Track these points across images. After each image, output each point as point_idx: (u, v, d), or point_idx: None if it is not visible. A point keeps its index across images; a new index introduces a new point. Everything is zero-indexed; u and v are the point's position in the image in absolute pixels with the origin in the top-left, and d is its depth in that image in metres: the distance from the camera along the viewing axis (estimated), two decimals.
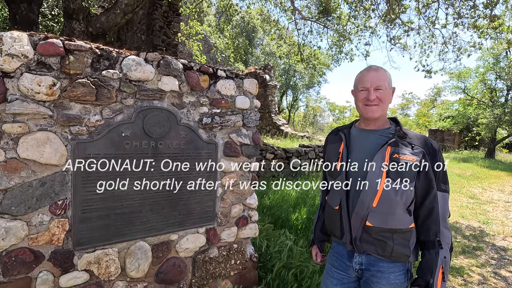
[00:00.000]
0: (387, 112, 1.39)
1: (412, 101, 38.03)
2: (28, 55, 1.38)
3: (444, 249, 1.25)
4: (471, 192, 7.97)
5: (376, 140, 1.33)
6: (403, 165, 1.23)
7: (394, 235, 1.27)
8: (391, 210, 1.25)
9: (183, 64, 1.89)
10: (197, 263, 2.01)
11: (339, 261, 1.46)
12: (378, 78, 1.31)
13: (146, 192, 1.78)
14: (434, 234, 1.25)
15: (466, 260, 3.73)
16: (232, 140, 2.14)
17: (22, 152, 1.40)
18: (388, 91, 1.33)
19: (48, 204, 1.49)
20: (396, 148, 1.26)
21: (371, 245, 1.30)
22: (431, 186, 1.25)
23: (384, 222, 1.27)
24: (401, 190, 1.24)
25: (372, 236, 1.29)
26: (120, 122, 1.66)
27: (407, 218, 1.27)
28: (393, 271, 1.31)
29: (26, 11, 4.48)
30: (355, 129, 1.45)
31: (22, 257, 1.43)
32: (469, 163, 13.74)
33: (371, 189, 1.27)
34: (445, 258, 1.24)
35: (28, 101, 1.40)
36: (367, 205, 1.28)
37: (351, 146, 1.40)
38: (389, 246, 1.27)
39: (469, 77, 18.59)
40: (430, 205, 1.26)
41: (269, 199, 4.61)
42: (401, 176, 1.24)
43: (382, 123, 1.37)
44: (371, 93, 1.30)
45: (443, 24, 6.91)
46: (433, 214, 1.26)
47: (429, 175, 1.24)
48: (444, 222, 1.26)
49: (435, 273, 1.23)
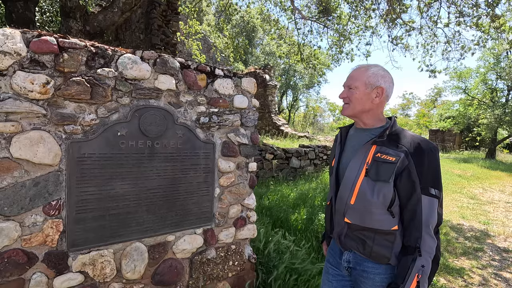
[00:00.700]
0: (373, 111, 1.32)
1: (412, 101, 38.00)
2: (21, 52, 1.36)
3: (424, 258, 1.16)
4: (472, 192, 7.94)
5: (365, 138, 1.33)
6: (383, 164, 1.20)
7: (376, 236, 1.24)
8: (367, 209, 1.23)
9: (180, 63, 1.86)
10: (195, 264, 1.99)
11: (333, 257, 1.48)
12: (352, 77, 1.32)
13: (142, 192, 1.75)
14: (415, 240, 1.18)
15: (467, 261, 3.70)
16: (230, 140, 2.11)
17: (15, 152, 1.38)
18: (361, 91, 1.28)
19: (42, 205, 1.46)
20: (382, 147, 1.23)
21: (353, 242, 1.31)
22: (413, 188, 1.17)
23: (362, 220, 1.26)
24: (377, 190, 1.20)
25: (353, 233, 1.30)
26: (116, 121, 1.64)
27: (389, 219, 1.22)
28: (379, 272, 1.27)
29: (23, 9, 4.44)
30: (353, 129, 1.46)
31: (15, 258, 1.40)
32: (469, 163, 13.70)
33: (349, 186, 1.28)
34: (423, 267, 1.15)
35: (21, 100, 1.37)
36: (345, 202, 1.30)
37: (346, 143, 1.43)
38: (368, 245, 1.26)
39: (469, 77, 18.55)
40: (412, 208, 1.18)
41: (268, 199, 4.58)
42: (379, 175, 1.20)
43: (371, 122, 1.34)
44: (343, 91, 1.35)
45: (445, 23, 6.88)
46: (416, 219, 1.18)
47: (411, 176, 1.17)
48: (427, 229, 1.17)
49: (407, 280, 1.15)
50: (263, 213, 3.91)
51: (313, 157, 7.64)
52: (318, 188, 5.83)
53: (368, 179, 1.23)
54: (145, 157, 1.75)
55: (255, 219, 2.30)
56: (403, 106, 39.05)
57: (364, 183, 1.23)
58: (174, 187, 1.87)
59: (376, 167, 1.21)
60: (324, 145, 8.12)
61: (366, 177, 1.23)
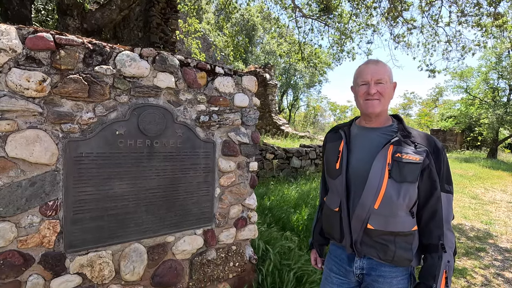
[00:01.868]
0: (388, 108, 1.32)
1: (414, 101, 37.92)
2: (17, 49, 1.32)
3: (448, 253, 1.17)
4: (474, 192, 7.90)
5: (378, 138, 1.26)
6: (406, 164, 1.16)
7: (397, 238, 1.20)
8: (393, 212, 1.19)
9: (180, 60, 1.82)
10: (195, 265, 1.96)
11: (338, 265, 1.39)
12: (378, 71, 1.23)
13: (141, 192, 1.72)
14: (437, 238, 1.18)
15: (469, 262, 3.67)
16: (230, 139, 2.08)
17: (11, 151, 1.34)
18: (389, 85, 1.26)
19: (38, 205, 1.43)
20: (399, 147, 1.19)
21: (372, 249, 1.24)
22: (434, 187, 1.18)
23: (386, 224, 1.20)
24: (404, 191, 1.17)
25: (373, 239, 1.23)
26: (114, 119, 1.60)
27: (410, 220, 1.21)
28: (396, 275, 1.25)
29: (19, 6, 4.38)
30: (355, 127, 1.38)
31: (10, 260, 1.37)
32: (471, 163, 13.65)
33: (373, 190, 1.20)
34: (448, 262, 1.17)
35: (16, 98, 1.34)
36: (369, 207, 1.21)
37: (352, 144, 1.33)
38: (391, 250, 1.20)
39: (471, 76, 18.48)
40: (433, 206, 1.19)
41: (269, 200, 4.55)
42: (404, 176, 1.17)
43: (383, 120, 1.30)
44: (371, 87, 1.23)
45: (446, 22, 6.84)
46: (437, 216, 1.19)
47: (432, 175, 1.18)
48: (447, 225, 1.19)
49: (438, 278, 1.16)
50: (265, 214, 3.88)
51: (314, 157, 7.60)
52: (319, 188, 5.80)
53: (392, 181, 1.18)
54: (144, 157, 1.71)
55: (256, 219, 2.27)
56: (404, 106, 38.97)
57: (389, 186, 1.18)
58: (174, 187, 1.84)
59: (398, 168, 1.17)
60: None
61: (390, 179, 1.18)
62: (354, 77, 1.33)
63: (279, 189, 5.36)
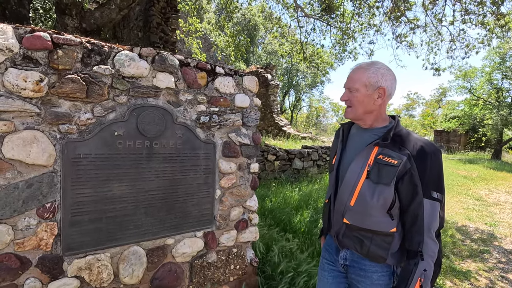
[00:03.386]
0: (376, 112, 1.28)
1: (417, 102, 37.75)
2: (13, 49, 1.30)
3: (426, 262, 1.15)
4: (478, 194, 7.82)
5: (368, 139, 1.29)
6: (385, 166, 1.17)
7: (374, 236, 1.23)
8: (368, 211, 1.22)
9: (180, 60, 1.80)
10: (195, 268, 1.93)
11: (329, 253, 1.49)
12: (352, 79, 1.27)
13: (140, 194, 1.69)
14: (417, 244, 1.16)
15: (473, 264, 3.63)
16: (231, 140, 2.05)
17: (7, 152, 1.32)
18: (363, 93, 1.24)
19: (36, 207, 1.41)
20: (384, 149, 1.20)
21: (351, 241, 1.31)
22: (415, 192, 1.15)
23: (361, 221, 1.25)
24: (378, 193, 1.18)
25: (352, 233, 1.29)
26: (113, 120, 1.58)
27: (388, 221, 1.21)
28: (375, 270, 1.28)
29: (16, 6, 4.35)
30: (355, 127, 1.42)
31: (7, 263, 1.35)
32: (475, 164, 13.53)
33: (348, 188, 1.27)
34: (425, 271, 1.14)
35: (13, 98, 1.32)
36: (345, 203, 1.29)
37: (348, 142, 1.40)
38: (365, 245, 1.25)
39: (475, 76, 18.35)
40: (414, 212, 1.16)
41: (270, 202, 4.51)
42: (380, 177, 1.18)
43: (372, 123, 1.30)
44: (343, 94, 1.31)
45: (450, 21, 6.78)
46: (417, 223, 1.16)
47: (414, 179, 1.14)
48: (429, 233, 1.15)
49: (410, 284, 1.15)
50: (266, 216, 3.85)
51: (316, 158, 7.55)
52: (321, 189, 5.76)
53: (369, 181, 1.21)
54: (143, 158, 1.69)
55: (257, 222, 2.24)
56: (408, 106, 38.79)
57: (365, 186, 1.22)
58: (174, 189, 1.81)
59: (377, 170, 1.19)
60: (327, 146, 8.03)
61: (367, 180, 1.21)
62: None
63: (280, 191, 5.33)
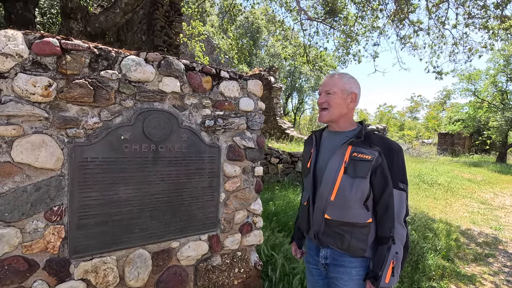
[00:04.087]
0: (348, 115, 1.45)
1: (421, 104, 37.57)
2: (23, 54, 1.33)
3: (397, 245, 1.29)
4: (482, 197, 7.76)
5: (340, 140, 1.42)
6: (359, 162, 1.31)
7: (353, 230, 1.34)
8: (347, 204, 1.33)
9: (185, 65, 1.82)
10: (199, 271, 1.93)
11: (311, 257, 1.57)
12: (328, 83, 1.41)
13: (145, 197, 1.71)
14: (388, 230, 1.30)
15: (478, 268, 3.60)
16: (235, 143, 2.06)
17: (16, 156, 1.34)
18: (340, 96, 1.39)
19: (43, 210, 1.42)
20: (357, 148, 1.34)
21: (331, 238, 1.38)
22: (386, 183, 1.31)
23: (341, 215, 1.35)
24: (356, 185, 1.31)
25: (332, 229, 1.37)
26: (119, 124, 1.60)
27: (364, 213, 1.34)
28: (355, 266, 1.36)
29: (22, 10, 4.39)
30: (326, 132, 1.55)
31: (15, 266, 1.37)
32: (479, 167, 13.41)
33: (329, 183, 1.36)
34: (396, 253, 1.29)
35: (22, 103, 1.34)
36: (326, 198, 1.37)
37: (321, 146, 1.51)
38: (346, 239, 1.34)
39: (479, 79, 18.23)
40: (386, 201, 1.31)
41: (274, 205, 4.51)
42: (356, 172, 1.31)
43: (345, 126, 1.45)
44: (320, 97, 1.42)
45: (453, 24, 6.77)
46: (388, 211, 1.31)
47: (384, 172, 1.30)
48: (398, 219, 1.31)
49: (384, 266, 1.28)
50: (269, 219, 3.85)
51: None
52: None
53: (347, 176, 1.33)
54: (149, 161, 1.70)
55: (262, 225, 2.24)
56: (411, 109, 38.59)
57: (344, 180, 1.33)
58: (179, 192, 1.82)
59: (353, 165, 1.32)
60: None
61: (345, 175, 1.33)
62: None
63: (284, 194, 5.32)
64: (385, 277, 1.27)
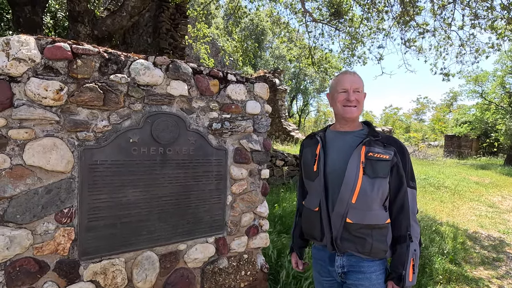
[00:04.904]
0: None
1: (427, 106, 37.26)
2: (35, 59, 1.35)
3: (414, 243, 1.31)
4: (490, 200, 7.65)
5: (351, 140, 1.39)
6: (378, 162, 1.30)
7: (373, 231, 1.31)
8: (369, 205, 1.31)
9: (193, 68, 1.83)
10: (206, 274, 1.94)
11: (323, 267, 1.48)
12: (356, 81, 1.39)
13: (153, 200, 1.72)
14: (405, 228, 1.32)
15: (485, 272, 3.56)
16: (242, 146, 2.07)
17: (28, 159, 1.37)
18: (363, 95, 1.43)
19: (54, 212, 1.45)
20: (371, 147, 1.32)
21: (351, 243, 1.33)
22: (401, 182, 1.33)
23: (363, 218, 1.31)
24: (377, 186, 1.30)
25: (352, 233, 1.33)
26: (128, 127, 1.62)
27: (383, 214, 1.34)
28: (374, 270, 1.34)
29: (30, 14, 4.45)
30: (330, 132, 1.51)
31: (26, 267, 1.39)
32: (487, 170, 13.23)
33: (350, 186, 1.32)
34: (415, 251, 1.31)
35: (34, 106, 1.36)
36: (347, 202, 1.32)
37: (328, 148, 1.45)
38: (368, 242, 1.31)
39: (486, 80, 18.02)
40: (401, 200, 1.33)
41: (279, 208, 4.50)
42: (376, 172, 1.30)
43: (356, 125, 1.45)
44: (350, 94, 1.38)
45: (459, 26, 6.71)
46: (404, 209, 1.33)
47: (400, 171, 1.32)
48: (413, 217, 1.34)
49: (406, 265, 1.29)
50: (275, 222, 3.84)
51: None
52: None
53: (366, 176, 1.30)
54: (157, 164, 1.72)
55: (268, 228, 2.24)
56: (417, 111, 38.28)
57: (364, 181, 1.30)
58: (186, 195, 1.84)
59: (371, 165, 1.30)
60: None
61: (365, 175, 1.31)
62: (333, 85, 1.46)
63: (289, 197, 5.31)
64: (408, 275, 1.29)
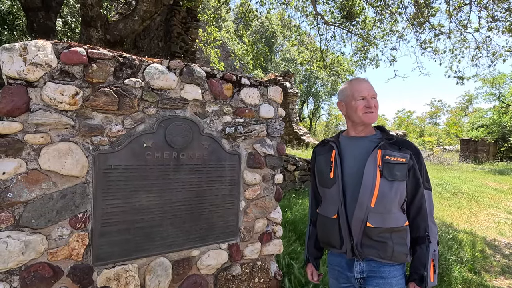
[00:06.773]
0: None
1: (441, 109, 36.41)
2: (52, 64, 1.36)
3: (433, 243, 1.32)
4: (510, 207, 7.37)
5: (367, 145, 1.40)
6: (395, 165, 1.31)
7: (393, 235, 1.31)
8: (387, 208, 1.31)
9: (206, 72, 1.81)
10: (219, 281, 1.90)
11: (341, 273, 1.46)
12: (372, 88, 1.42)
13: (167, 205, 1.70)
14: (424, 230, 1.33)
15: (506, 281, 3.40)
16: (256, 150, 2.03)
17: (44, 163, 1.37)
18: (377, 101, 1.45)
19: (68, 217, 1.44)
20: (386, 150, 1.33)
21: (372, 249, 1.32)
22: (418, 185, 1.34)
23: (383, 221, 1.31)
24: (395, 188, 1.30)
25: (373, 238, 1.32)
26: (142, 132, 1.61)
27: (402, 216, 1.34)
28: (394, 275, 1.34)
29: (44, 19, 4.56)
30: (344, 138, 1.50)
31: (41, 272, 1.38)
32: (506, 175, 12.75)
33: (368, 190, 1.31)
34: (434, 251, 1.32)
35: (50, 111, 1.37)
36: (366, 206, 1.31)
37: (343, 154, 1.44)
38: (389, 246, 1.30)
39: (504, 83, 17.51)
40: (419, 202, 1.34)
41: (291, 213, 4.43)
42: (394, 175, 1.31)
43: (370, 130, 1.46)
44: (370, 101, 1.39)
45: (475, 28, 6.53)
46: (422, 211, 1.34)
47: (416, 174, 1.34)
48: (431, 218, 1.34)
49: (427, 266, 1.30)
50: (286, 228, 3.78)
51: None
52: None
53: (384, 179, 1.30)
54: (171, 169, 1.70)
55: (281, 234, 2.19)
56: (431, 114, 37.43)
57: (382, 184, 1.30)
58: (199, 200, 1.81)
59: (388, 169, 1.31)
60: None
61: (382, 178, 1.30)
62: (347, 93, 1.44)
63: (301, 202, 5.23)
64: (430, 276, 1.30)
